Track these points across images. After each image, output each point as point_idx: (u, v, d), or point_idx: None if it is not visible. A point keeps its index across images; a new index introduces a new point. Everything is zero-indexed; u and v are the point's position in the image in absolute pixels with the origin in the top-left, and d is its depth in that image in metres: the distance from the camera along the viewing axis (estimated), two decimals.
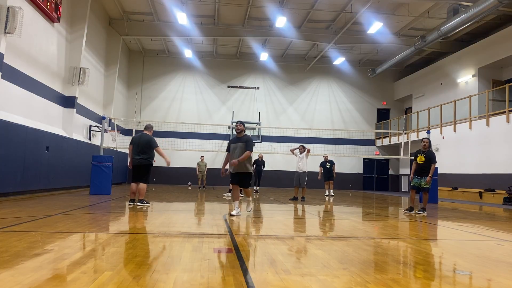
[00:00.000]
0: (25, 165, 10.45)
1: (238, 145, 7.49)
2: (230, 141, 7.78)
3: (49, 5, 12.65)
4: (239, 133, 7.60)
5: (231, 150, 7.59)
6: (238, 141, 7.56)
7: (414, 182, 9.32)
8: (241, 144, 7.46)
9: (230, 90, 25.93)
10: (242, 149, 7.42)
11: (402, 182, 25.90)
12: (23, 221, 5.80)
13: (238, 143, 7.52)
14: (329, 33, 21.02)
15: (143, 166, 8.72)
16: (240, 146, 7.45)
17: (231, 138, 7.80)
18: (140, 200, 8.78)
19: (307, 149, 12.98)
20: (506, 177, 15.09)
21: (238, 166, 7.39)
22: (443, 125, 19.42)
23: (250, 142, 7.52)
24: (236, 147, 7.50)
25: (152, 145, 8.84)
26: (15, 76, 10.93)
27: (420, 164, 9.23)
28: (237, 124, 7.65)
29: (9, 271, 3.03)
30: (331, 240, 5.16)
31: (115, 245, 4.29)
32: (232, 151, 7.56)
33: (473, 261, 4.02)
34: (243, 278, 3.04)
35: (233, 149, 7.56)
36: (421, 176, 9.22)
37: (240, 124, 7.65)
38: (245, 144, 7.45)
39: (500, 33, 17.89)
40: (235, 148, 7.50)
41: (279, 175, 23.90)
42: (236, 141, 7.60)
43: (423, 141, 9.45)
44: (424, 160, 9.20)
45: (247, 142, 7.49)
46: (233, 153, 7.52)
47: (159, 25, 20.61)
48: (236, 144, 7.55)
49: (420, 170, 9.24)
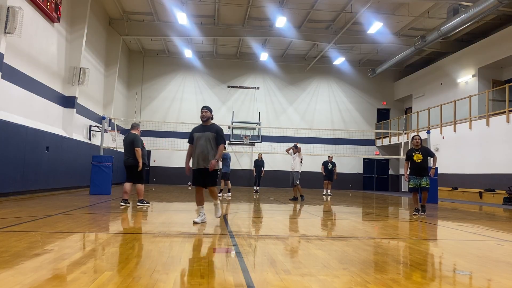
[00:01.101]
0: (25, 165, 10.45)
1: (204, 135, 6.15)
2: (194, 129, 6.38)
3: (49, 5, 12.65)
4: (206, 121, 6.28)
5: (195, 140, 6.24)
6: (205, 130, 6.23)
7: (413, 183, 8.63)
8: (209, 134, 6.13)
9: (230, 90, 25.93)
10: (210, 140, 6.11)
11: (402, 182, 25.89)
12: (23, 221, 5.80)
13: (205, 132, 6.19)
14: (329, 33, 21.02)
15: (132, 166, 8.47)
16: (207, 137, 6.12)
17: (195, 127, 6.40)
18: (140, 200, 8.74)
19: (298, 148, 13.00)
20: (506, 177, 15.09)
21: (203, 160, 6.07)
22: (443, 125, 19.41)
23: (221, 133, 6.25)
24: (201, 137, 6.15)
25: (133, 145, 8.47)
26: (15, 76, 10.92)
27: (418, 162, 8.56)
28: (203, 109, 6.33)
29: (9, 271, 3.03)
30: (331, 240, 5.16)
31: (115, 245, 4.29)
32: (197, 141, 6.18)
33: (473, 261, 4.02)
34: (243, 278, 3.04)
35: (197, 139, 6.20)
36: (421, 175, 8.57)
37: (206, 110, 6.32)
38: (215, 136, 6.16)
39: (500, 33, 17.89)
40: (200, 139, 6.15)
41: (279, 175, 23.89)
42: (202, 130, 6.26)
43: (414, 138, 8.79)
44: (422, 157, 8.55)
45: (218, 133, 6.19)
46: (197, 144, 6.17)
47: (159, 25, 20.61)
48: (201, 133, 6.20)
49: (419, 169, 8.57)
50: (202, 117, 6.29)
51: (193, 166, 6.20)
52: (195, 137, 6.22)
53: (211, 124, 6.33)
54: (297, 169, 12.68)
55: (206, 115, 6.29)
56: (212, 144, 6.13)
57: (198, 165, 6.13)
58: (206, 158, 6.08)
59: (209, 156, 6.07)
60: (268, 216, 8.41)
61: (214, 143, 6.15)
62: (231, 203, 10.88)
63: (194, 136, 6.26)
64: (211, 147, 6.12)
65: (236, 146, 25.01)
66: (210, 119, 6.32)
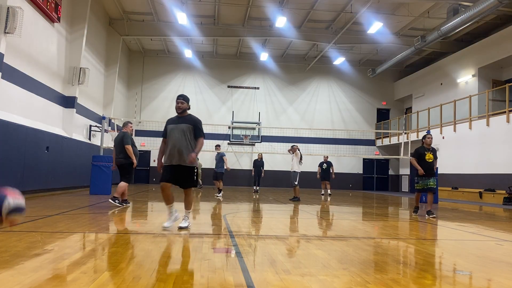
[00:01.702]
0: (25, 165, 10.45)
1: (178, 128, 5.40)
2: (168, 121, 5.62)
3: (49, 5, 12.65)
4: (182, 112, 5.53)
5: (169, 132, 5.46)
6: (180, 122, 5.47)
7: (422, 184, 8.41)
8: (185, 126, 5.39)
9: (230, 90, 25.93)
10: (185, 133, 5.37)
11: (402, 182, 25.90)
12: (23, 221, 5.80)
13: (180, 124, 5.43)
14: (329, 33, 21.01)
15: (123, 165, 8.23)
16: (182, 130, 5.37)
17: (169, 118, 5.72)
18: (114, 197, 8.29)
19: (293, 148, 13.02)
20: (506, 177, 15.09)
21: (178, 156, 5.31)
22: (443, 125, 19.41)
23: (200, 125, 5.50)
24: (175, 129, 5.40)
25: (122, 143, 8.27)
26: (15, 76, 10.92)
27: (430, 162, 8.37)
28: (178, 99, 5.53)
29: (9, 271, 3.03)
30: (331, 240, 5.16)
31: (115, 245, 4.29)
32: (171, 134, 5.42)
33: (473, 261, 4.02)
34: (243, 278, 3.04)
35: (171, 131, 5.43)
36: (430, 176, 8.37)
37: (181, 100, 5.51)
38: (192, 128, 5.42)
39: (500, 33, 17.89)
40: (173, 132, 5.39)
41: (279, 175, 23.89)
42: (176, 121, 5.51)
43: (427, 137, 8.59)
44: (432, 157, 8.41)
45: (196, 125, 5.46)
46: (172, 136, 5.38)
47: (159, 25, 20.61)
48: (175, 125, 5.45)
49: (429, 169, 8.36)
50: (177, 108, 5.49)
51: (165, 163, 5.41)
52: (169, 130, 5.46)
53: (187, 115, 5.58)
54: (294, 169, 12.66)
55: (182, 106, 5.49)
56: (189, 137, 5.37)
57: (171, 162, 5.34)
58: (181, 154, 5.28)
59: (185, 151, 5.29)
60: (268, 216, 8.41)
61: (191, 136, 5.38)
62: (231, 203, 10.88)
63: (168, 129, 5.49)
64: (187, 141, 5.35)
65: (236, 146, 25.01)
66: (186, 110, 5.56)
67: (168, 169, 5.37)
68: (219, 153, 14.03)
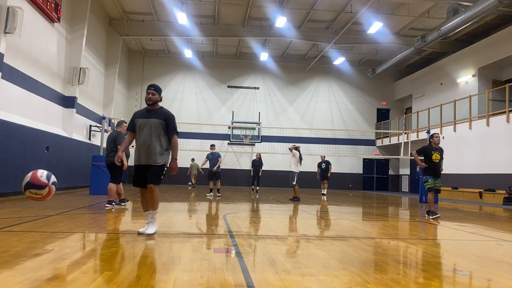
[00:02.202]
0: (25, 165, 10.45)
1: (148, 123, 4.84)
2: (135, 114, 5.07)
3: (49, 5, 12.64)
4: (152, 104, 4.94)
5: (138, 127, 4.90)
6: (150, 116, 4.90)
7: (431, 183, 8.20)
8: (155, 121, 4.83)
9: (230, 90, 25.93)
10: (156, 129, 4.82)
11: (402, 182, 25.90)
12: (23, 221, 5.80)
13: (150, 119, 4.86)
14: (329, 33, 21.01)
15: (112, 164, 7.88)
16: (153, 125, 4.81)
17: (137, 111, 5.23)
18: (109, 201, 8.14)
19: (290, 148, 13.02)
20: (506, 177, 15.09)
21: (147, 155, 4.80)
22: (443, 125, 19.41)
23: (172, 121, 4.94)
24: (145, 125, 4.84)
25: (115, 142, 8.06)
26: (15, 76, 10.92)
27: (437, 163, 8.20)
28: (149, 89, 4.95)
29: (9, 271, 3.03)
30: (331, 240, 5.16)
31: (115, 245, 4.29)
32: (140, 129, 4.88)
33: (473, 261, 4.02)
34: (243, 278, 3.04)
35: (140, 126, 4.88)
36: (437, 176, 8.24)
37: (153, 90, 4.94)
38: (164, 124, 4.87)
39: (500, 33, 17.89)
40: (143, 127, 4.85)
41: (279, 175, 23.89)
42: (146, 115, 4.92)
43: (435, 136, 8.39)
44: (439, 157, 8.22)
45: (168, 120, 4.90)
46: (141, 132, 4.85)
47: (159, 25, 20.61)
48: (145, 120, 4.88)
49: (437, 169, 8.22)
50: (148, 100, 4.91)
51: (135, 161, 4.91)
52: (137, 125, 4.91)
53: (159, 107, 4.99)
54: (291, 169, 12.64)
55: (153, 98, 4.91)
56: (159, 134, 4.83)
57: (140, 161, 4.86)
58: (150, 153, 4.79)
59: (154, 150, 4.78)
60: (268, 216, 8.40)
61: (162, 133, 4.84)
62: (231, 203, 10.88)
63: (136, 122, 4.93)
64: (156, 138, 4.82)
65: (236, 146, 25.01)
66: (157, 102, 4.98)
67: (139, 170, 4.90)
68: (215, 153, 13.91)
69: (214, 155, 13.81)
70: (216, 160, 13.68)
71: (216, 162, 13.67)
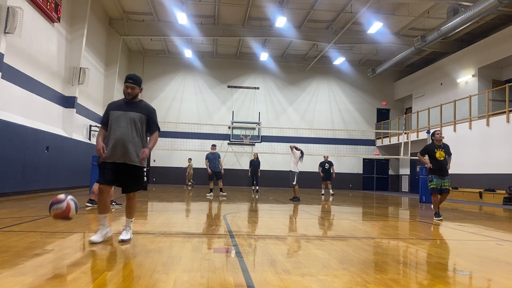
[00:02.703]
0: (25, 165, 10.45)
1: (128, 116, 4.24)
2: (111, 105, 4.41)
3: (49, 5, 12.65)
4: (133, 98, 4.35)
5: (113, 120, 4.25)
6: (129, 108, 4.29)
7: (436, 183, 7.85)
8: (137, 115, 4.26)
9: (230, 90, 25.93)
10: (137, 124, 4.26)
11: (402, 182, 25.90)
12: (23, 221, 5.80)
13: (129, 112, 4.26)
14: (329, 33, 21.01)
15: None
16: (133, 119, 4.24)
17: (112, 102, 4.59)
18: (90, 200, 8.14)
19: (290, 147, 13.05)
20: (506, 177, 15.09)
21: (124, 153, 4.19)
22: (443, 125, 19.41)
23: (155, 116, 4.44)
24: (122, 118, 4.23)
25: None
26: (15, 76, 10.92)
27: (441, 160, 7.85)
28: (128, 82, 4.29)
29: (9, 271, 3.03)
30: (331, 240, 5.16)
31: (115, 245, 4.29)
32: (116, 123, 4.23)
33: (473, 261, 4.02)
34: (243, 278, 3.04)
35: (115, 120, 4.24)
36: (444, 175, 7.89)
37: (132, 84, 4.29)
38: (146, 118, 4.33)
39: (500, 33, 17.89)
40: (119, 120, 4.22)
41: (279, 175, 23.89)
42: (125, 108, 4.29)
43: (436, 133, 8.10)
44: (444, 155, 7.88)
45: (151, 115, 4.37)
46: (117, 126, 4.21)
47: (159, 25, 20.61)
48: (123, 112, 4.25)
49: (442, 168, 7.87)
50: (127, 95, 4.30)
51: (107, 158, 4.21)
52: (113, 117, 4.25)
53: (139, 101, 4.41)
54: (291, 169, 12.65)
55: (132, 92, 4.30)
56: (140, 129, 4.27)
57: (114, 158, 4.21)
58: (127, 150, 4.19)
59: (132, 147, 4.21)
60: (268, 216, 8.40)
61: (142, 129, 4.31)
62: (231, 203, 10.88)
63: (111, 115, 4.26)
64: (138, 135, 4.26)
65: (236, 146, 25.01)
66: (137, 96, 4.40)
67: (110, 167, 4.21)
68: (216, 153, 13.95)
69: (214, 155, 13.85)
70: (217, 161, 13.74)
71: (217, 162, 13.74)
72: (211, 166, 13.73)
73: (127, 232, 4.38)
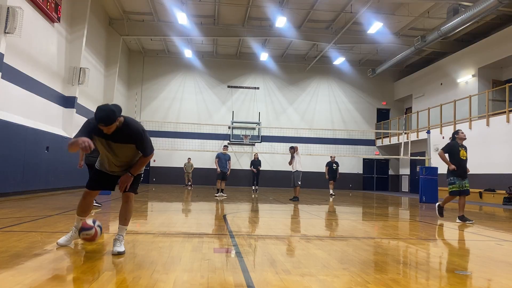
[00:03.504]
0: (25, 165, 10.45)
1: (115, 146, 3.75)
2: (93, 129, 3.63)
3: (49, 5, 12.64)
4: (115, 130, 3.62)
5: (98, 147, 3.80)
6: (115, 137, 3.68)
7: (458, 185, 7.39)
8: (125, 146, 3.75)
9: (230, 90, 25.93)
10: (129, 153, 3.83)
11: (402, 182, 25.90)
12: (23, 221, 5.80)
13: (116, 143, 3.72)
14: (329, 33, 21.01)
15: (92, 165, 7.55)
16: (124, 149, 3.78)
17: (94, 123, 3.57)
18: None
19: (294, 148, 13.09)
20: (506, 177, 15.09)
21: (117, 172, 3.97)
22: (443, 125, 19.41)
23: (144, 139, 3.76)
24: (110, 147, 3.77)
25: None
26: (15, 76, 10.92)
27: (464, 161, 7.37)
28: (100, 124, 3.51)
29: (9, 271, 3.03)
30: (331, 240, 5.16)
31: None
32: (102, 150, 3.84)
33: (473, 261, 4.02)
34: (243, 278, 3.04)
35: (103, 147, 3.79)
36: (465, 177, 7.45)
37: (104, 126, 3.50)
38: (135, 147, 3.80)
39: (500, 33, 17.88)
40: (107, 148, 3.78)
41: (279, 175, 23.89)
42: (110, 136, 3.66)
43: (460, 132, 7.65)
44: (466, 155, 7.42)
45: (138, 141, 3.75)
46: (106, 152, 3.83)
47: (159, 25, 20.60)
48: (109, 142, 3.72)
49: (465, 168, 7.43)
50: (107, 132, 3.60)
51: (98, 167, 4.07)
52: (98, 144, 3.78)
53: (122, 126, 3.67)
54: (297, 168, 12.71)
55: (111, 130, 3.56)
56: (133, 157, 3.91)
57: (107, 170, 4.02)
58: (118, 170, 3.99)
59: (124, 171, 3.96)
60: (268, 216, 8.41)
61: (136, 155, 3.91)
62: (231, 203, 10.88)
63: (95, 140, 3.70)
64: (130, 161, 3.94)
65: (236, 146, 25.01)
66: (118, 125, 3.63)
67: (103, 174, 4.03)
68: (226, 155, 13.96)
69: (225, 156, 13.86)
70: (226, 162, 13.77)
71: (226, 163, 13.73)
72: (220, 165, 13.70)
73: (121, 243, 3.84)
